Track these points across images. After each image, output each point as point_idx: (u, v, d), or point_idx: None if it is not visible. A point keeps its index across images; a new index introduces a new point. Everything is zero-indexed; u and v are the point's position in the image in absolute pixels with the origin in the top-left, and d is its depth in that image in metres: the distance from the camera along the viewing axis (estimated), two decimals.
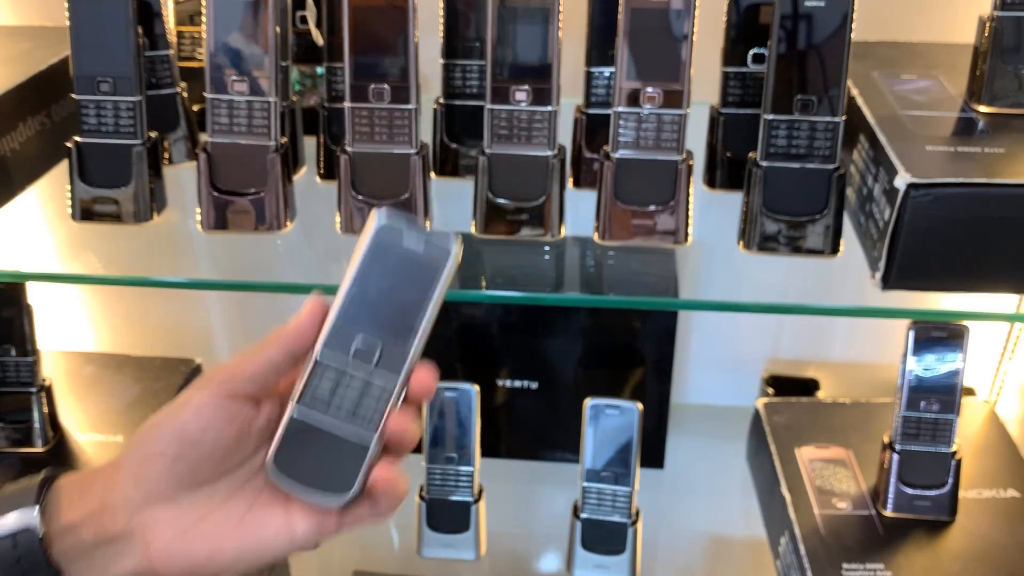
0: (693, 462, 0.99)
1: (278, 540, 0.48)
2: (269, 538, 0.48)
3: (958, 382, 0.74)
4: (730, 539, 0.95)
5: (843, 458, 0.85)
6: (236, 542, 0.47)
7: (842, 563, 0.73)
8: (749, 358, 1.04)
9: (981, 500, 0.80)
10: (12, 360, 0.85)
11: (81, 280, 0.81)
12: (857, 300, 0.67)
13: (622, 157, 0.65)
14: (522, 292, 0.69)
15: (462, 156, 0.76)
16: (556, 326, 0.93)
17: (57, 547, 0.46)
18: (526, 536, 0.95)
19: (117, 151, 0.68)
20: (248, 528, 0.47)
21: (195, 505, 0.47)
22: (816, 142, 0.63)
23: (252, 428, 0.47)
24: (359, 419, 0.46)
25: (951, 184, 0.57)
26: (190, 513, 0.47)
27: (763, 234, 0.65)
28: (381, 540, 0.96)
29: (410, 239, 0.45)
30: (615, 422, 0.76)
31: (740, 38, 0.71)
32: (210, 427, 0.46)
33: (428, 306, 0.45)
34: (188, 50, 0.81)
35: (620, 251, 0.69)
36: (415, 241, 0.45)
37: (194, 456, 0.46)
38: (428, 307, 0.45)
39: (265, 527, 0.48)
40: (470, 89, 0.75)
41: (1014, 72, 0.65)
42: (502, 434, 0.99)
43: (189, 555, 0.47)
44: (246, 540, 0.47)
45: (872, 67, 0.75)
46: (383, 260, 0.45)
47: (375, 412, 0.46)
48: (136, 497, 0.46)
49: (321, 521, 0.48)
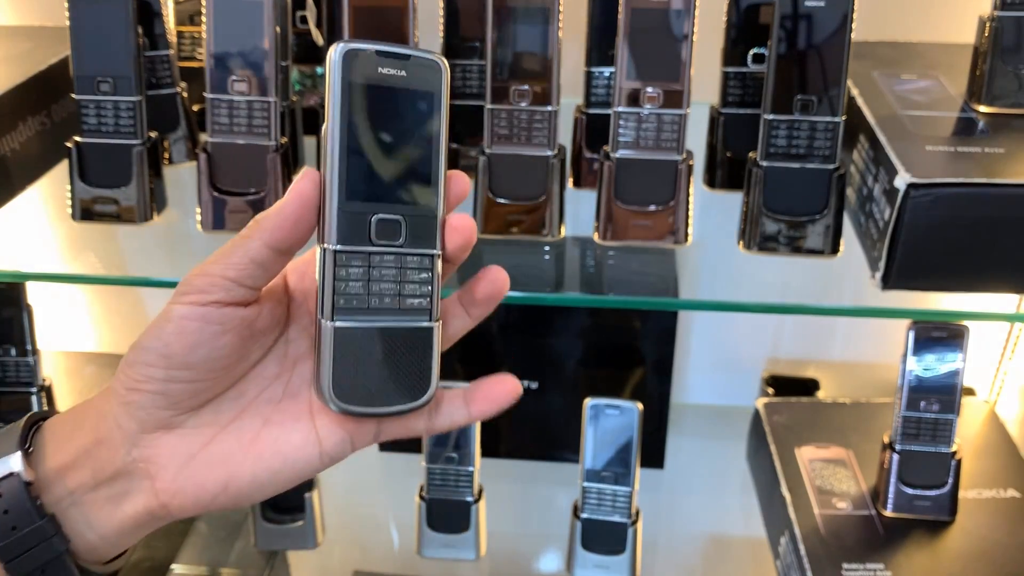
0: (693, 462, 0.99)
1: (304, 454, 0.42)
2: (293, 454, 0.42)
3: (958, 382, 0.74)
4: (730, 539, 0.95)
5: (843, 458, 0.85)
6: (254, 463, 0.42)
7: (842, 563, 0.73)
8: (749, 358, 1.04)
9: (981, 500, 0.80)
10: (12, 360, 0.85)
11: (81, 280, 0.81)
12: (857, 300, 0.67)
13: (622, 157, 0.65)
14: (522, 292, 0.69)
15: (462, 156, 0.77)
16: (556, 326, 0.93)
17: (51, 494, 0.42)
18: (526, 536, 0.95)
19: (117, 151, 0.68)
20: (266, 446, 0.42)
21: (200, 428, 0.42)
22: (816, 142, 0.63)
23: (254, 331, 0.42)
24: (409, 305, 0.41)
25: (951, 184, 0.57)
26: (195, 437, 0.42)
27: (763, 234, 0.65)
28: (381, 540, 0.96)
29: (385, 64, 0.39)
30: (615, 422, 0.76)
31: (740, 38, 0.71)
32: (199, 344, 0.40)
33: (438, 143, 0.40)
34: (188, 50, 0.81)
35: (620, 251, 0.69)
36: (393, 65, 0.39)
37: (187, 377, 0.41)
38: (439, 144, 0.40)
39: (287, 441, 0.42)
40: (470, 89, 0.75)
41: (1014, 72, 0.65)
42: (502, 434, 0.99)
43: (201, 484, 0.42)
44: (265, 459, 0.42)
45: (872, 67, 0.75)
46: (365, 103, 0.39)
47: (423, 290, 0.41)
48: (131, 426, 0.42)
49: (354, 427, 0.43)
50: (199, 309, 0.40)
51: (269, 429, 0.43)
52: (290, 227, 0.39)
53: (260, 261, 0.40)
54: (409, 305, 0.41)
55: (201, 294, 0.40)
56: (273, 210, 0.40)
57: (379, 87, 0.39)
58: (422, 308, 0.41)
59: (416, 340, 0.41)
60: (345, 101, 0.38)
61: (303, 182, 0.39)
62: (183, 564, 0.87)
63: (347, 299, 0.40)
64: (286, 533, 0.83)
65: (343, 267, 0.40)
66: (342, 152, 0.38)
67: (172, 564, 0.87)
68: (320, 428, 0.43)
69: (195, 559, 0.88)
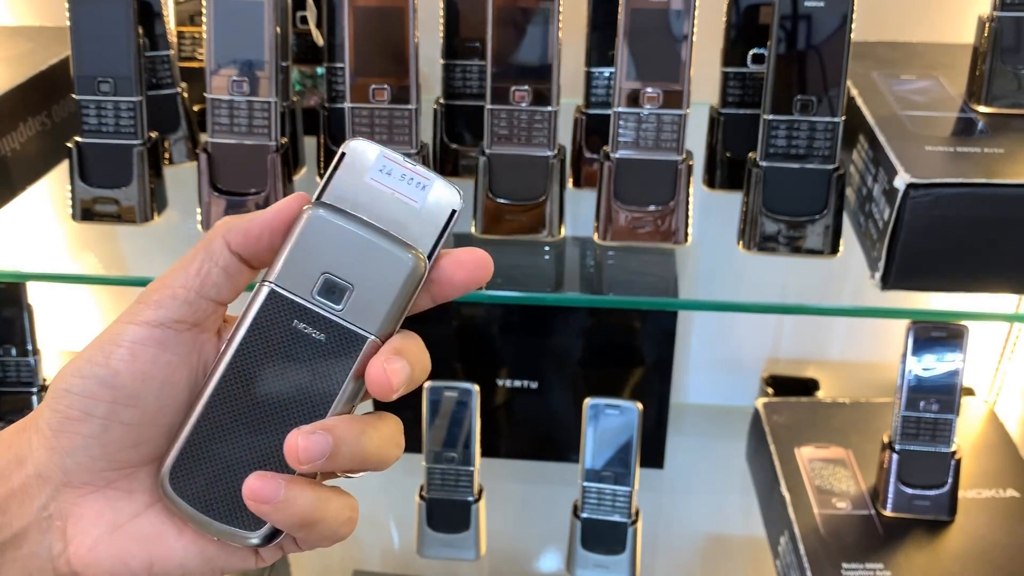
0: (693, 462, 0.99)
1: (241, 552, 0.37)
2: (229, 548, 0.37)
3: (958, 382, 0.74)
4: (730, 539, 0.95)
5: (843, 458, 0.85)
6: (186, 548, 0.36)
7: (842, 563, 0.73)
8: (749, 358, 1.04)
9: (981, 500, 0.80)
10: (12, 360, 0.85)
11: (81, 280, 0.81)
12: (857, 300, 0.67)
13: (622, 157, 0.65)
14: (522, 292, 0.69)
15: (462, 156, 0.77)
16: (556, 326, 0.93)
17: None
18: (526, 536, 0.95)
19: (117, 151, 0.68)
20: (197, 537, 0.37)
21: (132, 494, 0.36)
22: (816, 142, 0.63)
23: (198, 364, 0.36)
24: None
25: (950, 184, 0.57)
26: (125, 504, 0.36)
27: (763, 234, 0.65)
28: (381, 540, 0.96)
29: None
30: (615, 422, 0.76)
31: (740, 38, 0.71)
32: (151, 376, 0.35)
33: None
34: (188, 50, 0.81)
35: (620, 251, 0.69)
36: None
37: (130, 417, 0.35)
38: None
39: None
40: (470, 89, 0.75)
41: (1013, 72, 0.65)
42: (502, 434, 0.99)
43: (123, 560, 0.36)
44: (199, 544, 0.37)
45: (872, 67, 0.75)
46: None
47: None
48: (55, 476, 0.35)
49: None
50: (156, 331, 0.35)
51: None
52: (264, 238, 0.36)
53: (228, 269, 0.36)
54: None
55: (159, 310, 0.35)
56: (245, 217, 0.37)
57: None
58: None
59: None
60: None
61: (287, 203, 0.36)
62: None
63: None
64: None
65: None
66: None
67: None
68: None
69: None
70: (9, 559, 0.35)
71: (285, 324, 0.36)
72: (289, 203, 0.36)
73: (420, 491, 0.82)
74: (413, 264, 0.36)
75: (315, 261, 0.36)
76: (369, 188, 0.37)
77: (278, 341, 0.36)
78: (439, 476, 0.80)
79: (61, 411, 0.35)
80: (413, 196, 0.37)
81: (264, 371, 0.36)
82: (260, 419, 0.36)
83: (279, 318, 0.36)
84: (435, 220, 0.37)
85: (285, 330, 0.36)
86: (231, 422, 0.36)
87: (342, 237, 0.36)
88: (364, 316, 0.36)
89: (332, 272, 0.36)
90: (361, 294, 0.36)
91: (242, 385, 0.36)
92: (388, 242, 0.36)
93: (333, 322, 0.36)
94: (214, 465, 0.36)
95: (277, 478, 0.34)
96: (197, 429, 0.36)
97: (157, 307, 0.35)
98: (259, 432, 0.36)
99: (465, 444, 0.80)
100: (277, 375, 0.36)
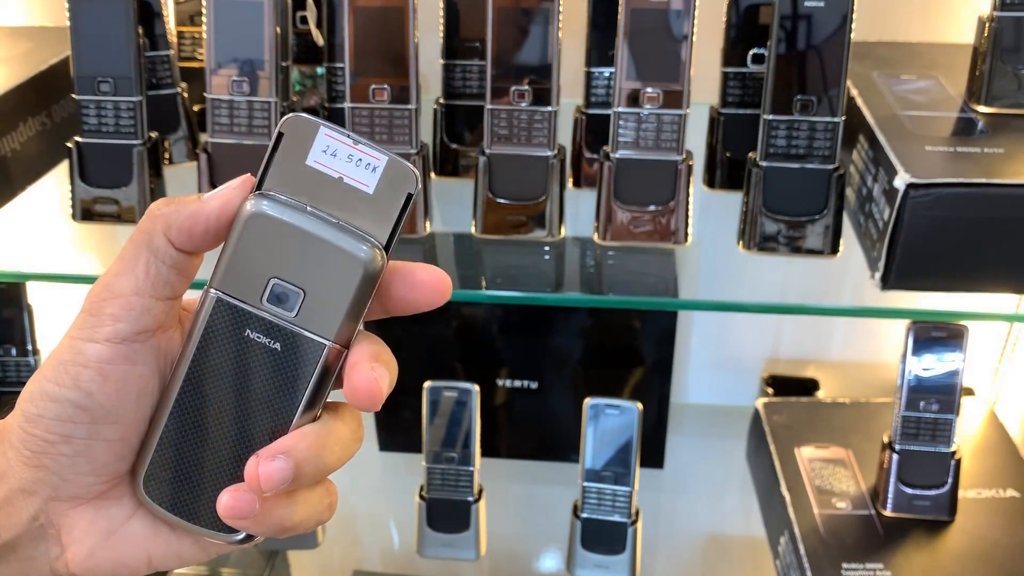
0: (693, 462, 0.99)
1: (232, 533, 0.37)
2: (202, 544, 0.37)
3: (957, 382, 0.74)
4: (730, 539, 0.95)
5: (843, 458, 0.85)
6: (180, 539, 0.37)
7: (841, 563, 0.73)
8: (749, 358, 1.04)
9: (981, 500, 0.80)
10: (12, 360, 0.85)
11: (81, 280, 0.81)
12: (857, 300, 0.68)
13: (622, 157, 0.65)
14: (522, 292, 0.69)
15: (462, 156, 0.77)
16: (556, 326, 0.93)
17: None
18: (526, 536, 0.95)
19: (117, 151, 0.68)
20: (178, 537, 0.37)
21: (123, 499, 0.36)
22: (816, 142, 0.63)
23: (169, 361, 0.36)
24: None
25: (950, 184, 0.57)
26: (117, 510, 0.36)
27: (763, 234, 0.65)
28: (381, 540, 0.96)
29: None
30: (615, 422, 0.76)
31: (740, 38, 0.71)
32: (126, 391, 0.34)
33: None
34: (188, 50, 0.81)
35: (620, 251, 0.69)
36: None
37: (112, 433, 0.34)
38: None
39: None
40: (470, 89, 0.75)
41: (1013, 72, 0.65)
42: (502, 434, 0.99)
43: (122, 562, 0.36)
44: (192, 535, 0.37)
45: (872, 67, 0.75)
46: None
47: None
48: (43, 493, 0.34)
49: None
50: (121, 347, 0.33)
51: None
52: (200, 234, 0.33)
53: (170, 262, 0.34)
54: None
55: (117, 324, 0.33)
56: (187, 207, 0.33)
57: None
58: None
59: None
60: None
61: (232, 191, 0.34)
62: None
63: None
64: None
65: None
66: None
67: None
68: None
69: None
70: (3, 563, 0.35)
71: (236, 334, 0.34)
72: (233, 192, 0.33)
73: (420, 491, 0.82)
74: (368, 260, 0.33)
75: (261, 264, 0.33)
76: (313, 172, 0.33)
77: (231, 352, 0.34)
78: (439, 476, 0.80)
79: (38, 435, 0.33)
80: (363, 179, 0.33)
81: (221, 383, 0.34)
82: (224, 429, 0.35)
83: (229, 328, 0.34)
84: (390, 206, 0.34)
85: (237, 340, 0.34)
86: (195, 432, 0.35)
87: (287, 236, 0.33)
88: (320, 321, 0.33)
89: (280, 276, 0.33)
90: (314, 298, 0.33)
91: (201, 397, 0.34)
92: (339, 237, 0.33)
93: (287, 330, 0.34)
94: (185, 473, 0.35)
95: (249, 492, 0.34)
96: (164, 439, 0.35)
97: (115, 321, 0.33)
98: (224, 441, 0.35)
99: (465, 444, 0.80)
100: (235, 386, 0.34)
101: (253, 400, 0.34)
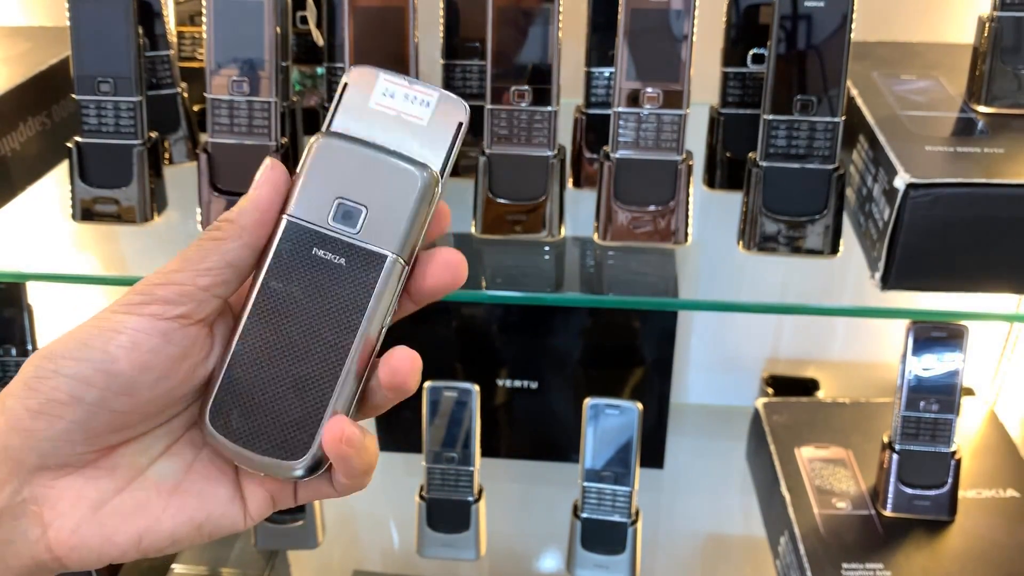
0: (693, 462, 0.99)
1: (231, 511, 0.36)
2: (219, 508, 0.36)
3: (958, 382, 0.74)
4: (730, 539, 0.95)
5: (843, 458, 0.85)
6: (174, 516, 0.35)
7: (841, 563, 0.73)
8: (749, 358, 1.04)
9: (981, 500, 0.80)
10: (12, 360, 0.85)
11: (81, 280, 0.81)
12: (857, 300, 0.67)
13: (622, 157, 0.65)
14: (522, 292, 0.69)
15: (462, 156, 0.76)
16: (556, 326, 0.93)
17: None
18: (526, 536, 0.95)
19: (117, 151, 0.68)
20: (189, 496, 0.36)
21: (115, 470, 0.35)
22: (816, 142, 0.63)
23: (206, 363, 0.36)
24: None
25: (950, 184, 0.57)
26: (107, 481, 0.34)
27: (763, 234, 0.65)
28: (381, 540, 0.96)
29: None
30: (615, 422, 0.76)
31: (740, 38, 0.71)
32: (151, 367, 0.33)
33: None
34: (188, 50, 0.81)
35: (620, 251, 0.69)
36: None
37: (123, 406, 0.33)
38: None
39: (212, 495, 0.36)
40: (470, 89, 0.75)
41: (1013, 72, 0.65)
42: (502, 434, 0.99)
43: (109, 538, 0.34)
44: (187, 512, 0.35)
45: (872, 67, 0.75)
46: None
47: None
48: (29, 460, 0.33)
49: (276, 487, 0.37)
50: (160, 323, 0.33)
51: (193, 477, 0.36)
52: (268, 222, 0.36)
53: (237, 265, 0.35)
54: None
55: (166, 305, 0.33)
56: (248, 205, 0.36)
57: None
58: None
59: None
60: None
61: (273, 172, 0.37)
62: (183, 564, 0.87)
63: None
64: (286, 533, 0.83)
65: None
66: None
67: (172, 564, 0.87)
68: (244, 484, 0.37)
69: (195, 559, 0.88)
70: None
71: (305, 253, 0.36)
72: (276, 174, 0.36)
73: (420, 491, 0.82)
74: (425, 179, 0.37)
75: (328, 188, 0.37)
76: (374, 113, 0.37)
77: (300, 270, 0.36)
78: (439, 476, 0.80)
79: (45, 392, 0.32)
80: (418, 114, 0.38)
81: (290, 301, 0.36)
82: (291, 349, 0.36)
83: (298, 248, 0.37)
84: (443, 135, 0.38)
85: (305, 259, 0.36)
86: (264, 355, 0.36)
87: (352, 160, 0.37)
88: (382, 235, 0.36)
89: (345, 196, 0.37)
90: (375, 214, 0.36)
91: (270, 318, 0.36)
92: (398, 159, 0.37)
93: (351, 244, 0.36)
94: (252, 399, 0.36)
95: (353, 423, 0.35)
96: (232, 367, 0.36)
97: (165, 302, 0.34)
98: (292, 362, 0.36)
99: (465, 444, 0.80)
100: (303, 303, 0.36)
101: (320, 317, 0.36)
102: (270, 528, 0.83)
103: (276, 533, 0.83)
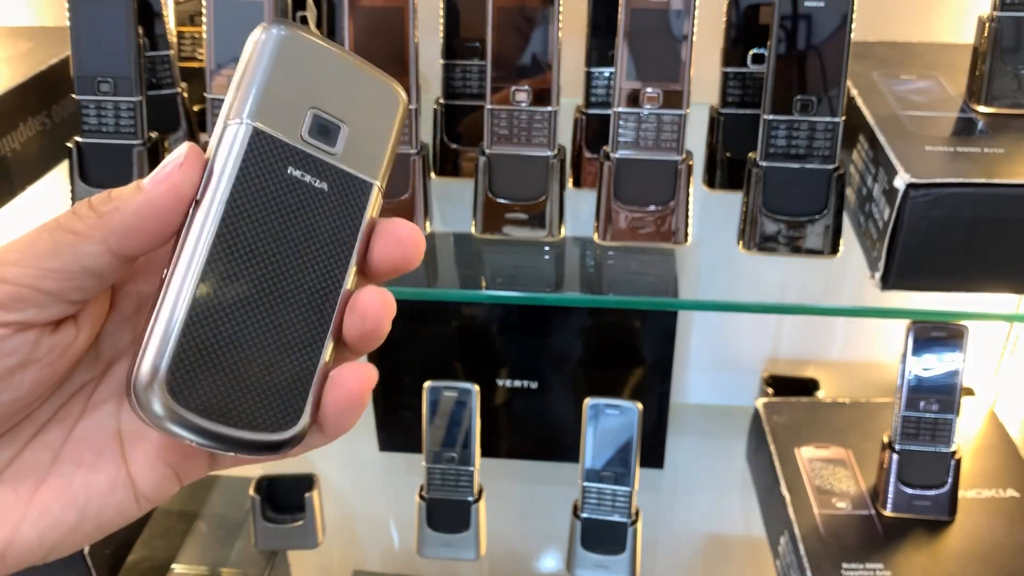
0: (693, 462, 0.99)
1: (114, 501, 0.30)
2: (97, 501, 0.30)
3: (958, 382, 0.74)
4: (730, 539, 0.95)
5: (843, 458, 0.85)
6: (38, 519, 0.29)
7: (841, 563, 0.73)
8: (749, 358, 1.04)
9: (981, 500, 0.80)
10: None
11: None
12: (857, 300, 0.67)
13: (622, 157, 0.65)
14: (522, 292, 0.69)
15: (462, 156, 0.77)
16: (556, 326, 0.93)
17: None
18: (526, 536, 0.95)
19: (118, 151, 0.68)
20: (55, 494, 0.30)
21: None
22: (816, 142, 0.63)
23: (67, 357, 0.29)
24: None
25: (950, 184, 0.57)
26: None
27: (763, 234, 0.65)
28: (381, 540, 0.96)
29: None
30: (615, 422, 0.76)
31: (740, 38, 0.71)
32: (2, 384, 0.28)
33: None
34: (188, 50, 0.81)
35: (620, 251, 0.69)
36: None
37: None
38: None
39: (86, 485, 0.30)
40: (470, 89, 0.75)
41: (1013, 72, 0.65)
42: (502, 434, 0.99)
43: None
44: (55, 513, 0.29)
45: (872, 67, 0.75)
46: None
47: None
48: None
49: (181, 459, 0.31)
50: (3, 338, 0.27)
51: (60, 469, 0.30)
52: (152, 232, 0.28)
53: (99, 273, 0.28)
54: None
55: (8, 311, 0.27)
56: (130, 204, 0.28)
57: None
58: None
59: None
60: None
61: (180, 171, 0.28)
62: (183, 564, 0.87)
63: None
64: (286, 533, 0.83)
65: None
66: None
67: (172, 564, 0.87)
68: (132, 461, 0.30)
69: (195, 559, 0.88)
70: None
71: (279, 171, 0.29)
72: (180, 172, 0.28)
73: (420, 491, 0.82)
74: (405, 97, 0.31)
75: (300, 95, 0.29)
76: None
77: (274, 194, 0.29)
78: (439, 476, 0.80)
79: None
80: None
81: (265, 232, 0.29)
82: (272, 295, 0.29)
83: (270, 165, 0.29)
84: None
85: (280, 179, 0.29)
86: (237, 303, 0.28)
87: (325, 64, 0.30)
88: (362, 160, 0.30)
89: (321, 108, 0.30)
90: (355, 133, 0.30)
91: (241, 254, 0.28)
92: (375, 71, 0.30)
93: (333, 167, 0.30)
94: (225, 359, 0.28)
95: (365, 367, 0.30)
96: (193, 321, 0.28)
97: (4, 310, 0.27)
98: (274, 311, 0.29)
99: (465, 444, 0.80)
100: (282, 237, 0.29)
101: (303, 254, 0.29)
102: (270, 528, 0.83)
103: (276, 533, 0.83)
